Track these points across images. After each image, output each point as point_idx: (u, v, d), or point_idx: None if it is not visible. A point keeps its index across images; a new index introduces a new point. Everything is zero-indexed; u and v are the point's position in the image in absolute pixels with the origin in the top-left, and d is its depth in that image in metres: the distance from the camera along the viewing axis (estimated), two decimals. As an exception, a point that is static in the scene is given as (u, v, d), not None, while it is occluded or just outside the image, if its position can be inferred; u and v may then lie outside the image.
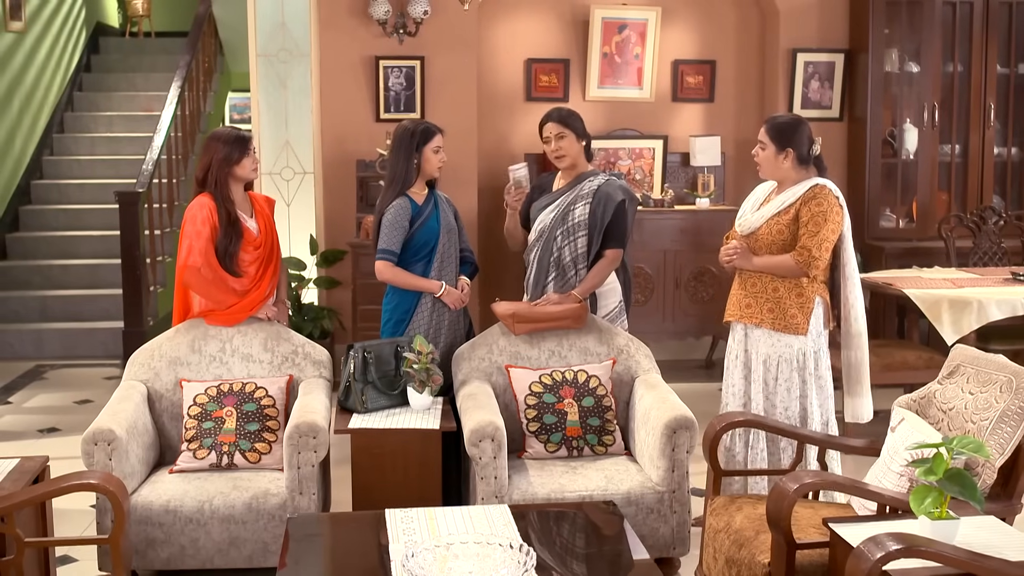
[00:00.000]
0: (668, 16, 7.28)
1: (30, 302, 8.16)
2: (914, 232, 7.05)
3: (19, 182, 8.98)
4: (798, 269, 4.11)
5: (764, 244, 4.21)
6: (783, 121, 4.20)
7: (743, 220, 4.32)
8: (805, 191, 4.14)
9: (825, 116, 7.24)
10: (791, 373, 4.19)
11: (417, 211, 4.46)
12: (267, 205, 4.59)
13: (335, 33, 6.86)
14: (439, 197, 4.59)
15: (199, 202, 4.36)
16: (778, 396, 4.21)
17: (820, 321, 4.21)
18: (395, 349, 4.33)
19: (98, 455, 3.83)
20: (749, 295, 4.26)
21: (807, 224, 4.09)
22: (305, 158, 7.06)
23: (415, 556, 2.67)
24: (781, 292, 4.18)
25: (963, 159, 7.15)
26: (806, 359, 4.20)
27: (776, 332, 4.18)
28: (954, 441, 2.84)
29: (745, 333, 4.31)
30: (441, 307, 4.50)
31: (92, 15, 11.15)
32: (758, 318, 4.22)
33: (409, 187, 4.46)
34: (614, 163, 7.20)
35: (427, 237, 4.45)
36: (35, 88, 9.37)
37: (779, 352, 4.20)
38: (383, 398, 4.25)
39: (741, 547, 3.36)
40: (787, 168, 4.18)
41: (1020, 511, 3.22)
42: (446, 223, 4.51)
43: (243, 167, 4.36)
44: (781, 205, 4.18)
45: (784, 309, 4.17)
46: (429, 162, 4.46)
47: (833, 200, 4.12)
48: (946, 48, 7.05)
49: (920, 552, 2.62)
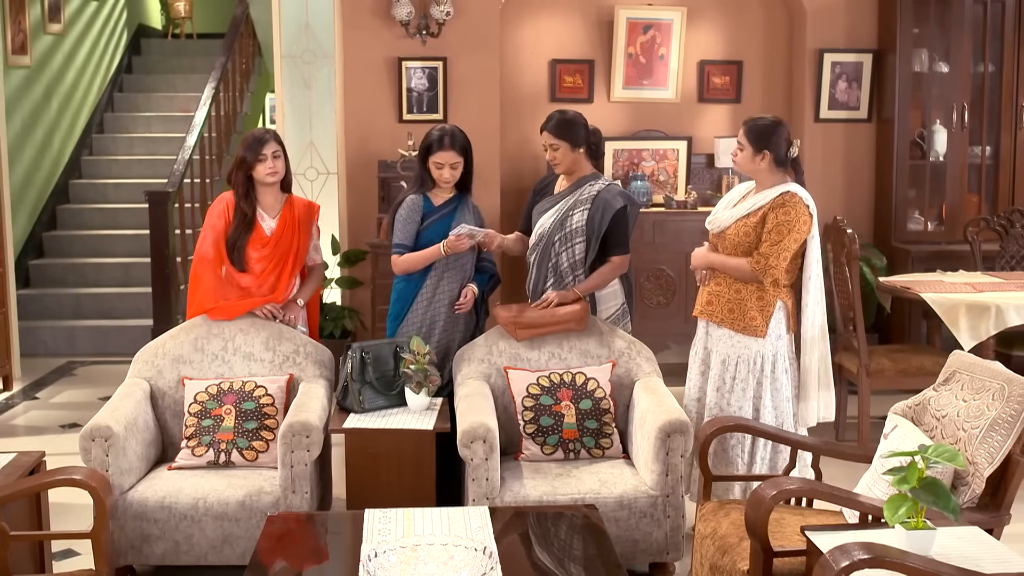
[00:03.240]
0: (694, 16, 7.22)
1: (64, 299, 8.31)
2: (943, 235, 6.91)
3: (57, 181, 9.15)
4: (752, 275, 4.18)
5: (730, 244, 4.25)
6: (762, 123, 4.23)
7: (714, 218, 4.34)
8: (775, 197, 4.17)
9: (853, 117, 7.13)
10: (747, 374, 4.25)
11: (430, 209, 4.55)
12: (302, 210, 4.63)
13: (358, 34, 6.90)
14: (466, 203, 4.62)
15: (220, 197, 4.58)
16: (733, 395, 4.26)
17: (781, 325, 4.25)
18: (394, 350, 4.35)
19: (95, 451, 3.89)
20: (712, 293, 4.33)
21: (771, 232, 4.14)
22: (329, 159, 7.11)
23: (376, 557, 2.67)
24: (743, 294, 4.23)
25: (994, 161, 7.00)
26: (763, 362, 4.25)
27: (736, 333, 4.23)
28: (929, 450, 2.78)
29: (707, 331, 4.36)
30: (437, 305, 4.51)
31: (134, 17, 11.33)
32: (719, 317, 4.28)
33: (427, 189, 4.56)
34: (637, 164, 7.15)
35: (433, 237, 4.51)
36: (74, 89, 9.54)
37: (738, 352, 4.25)
38: (381, 398, 4.27)
39: (724, 553, 3.32)
40: (763, 169, 4.22)
41: (1008, 522, 3.15)
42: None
43: (257, 171, 4.46)
44: (751, 207, 4.21)
45: (744, 311, 4.23)
46: (433, 173, 4.52)
47: (802, 209, 4.15)
48: (976, 48, 6.91)
49: (886, 563, 2.57)
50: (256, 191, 4.51)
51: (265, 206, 4.52)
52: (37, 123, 8.75)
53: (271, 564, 3.09)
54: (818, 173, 7.10)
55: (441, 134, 4.50)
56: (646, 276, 6.85)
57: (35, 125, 8.70)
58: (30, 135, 8.61)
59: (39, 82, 8.77)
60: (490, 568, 2.59)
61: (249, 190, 4.48)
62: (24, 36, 8.38)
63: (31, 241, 8.66)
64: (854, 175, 7.13)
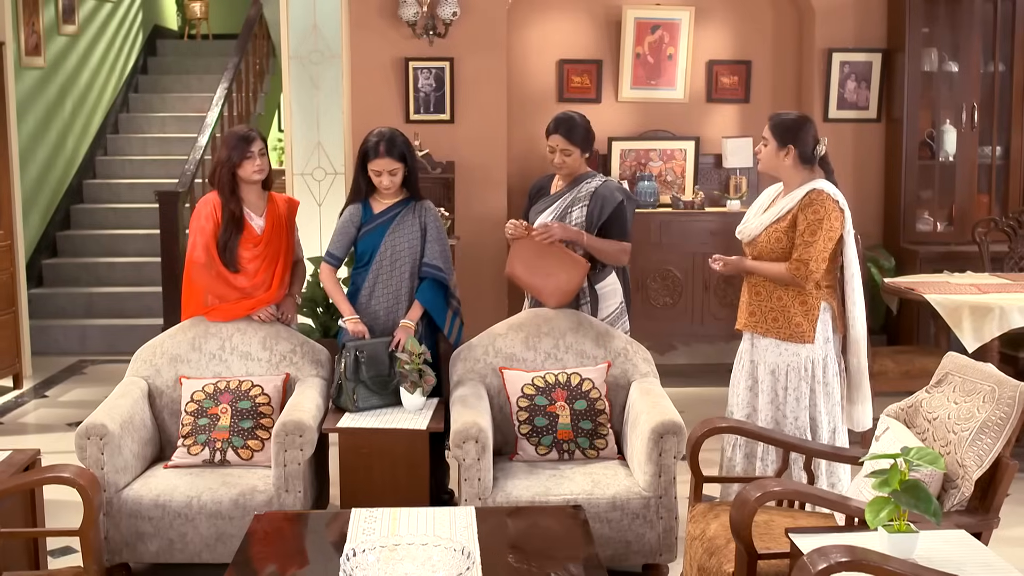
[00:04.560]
0: (702, 16, 7.19)
1: (76, 298, 8.37)
2: (952, 236, 6.86)
3: (71, 181, 9.22)
4: (792, 280, 4.02)
5: (764, 252, 4.11)
6: (787, 119, 4.12)
7: (744, 226, 4.21)
8: (802, 197, 4.03)
9: (862, 117, 7.09)
10: (799, 382, 4.07)
11: (368, 218, 4.47)
12: (285, 206, 4.62)
13: (366, 35, 6.92)
14: (411, 209, 4.48)
15: (206, 199, 4.51)
16: (788, 406, 4.09)
17: (828, 327, 4.09)
18: (389, 350, 4.35)
19: (90, 449, 3.92)
20: (753, 303, 4.17)
21: (803, 233, 3.99)
22: (336, 159, 7.12)
23: (355, 555, 2.68)
24: (785, 300, 4.07)
25: (1004, 161, 6.94)
26: (814, 367, 4.08)
27: (783, 342, 4.07)
28: (911, 452, 2.76)
29: (752, 343, 4.19)
30: (377, 300, 4.46)
31: (150, 18, 11.40)
32: (763, 327, 4.12)
33: (360, 198, 4.47)
34: (645, 164, 7.14)
35: (368, 246, 4.47)
36: (88, 90, 9.61)
37: (787, 361, 4.08)
38: (375, 397, 4.27)
39: (712, 555, 3.31)
40: (787, 166, 4.09)
41: (997, 526, 3.12)
42: (396, 240, 4.43)
43: (244, 169, 4.42)
44: (780, 211, 4.08)
45: (789, 318, 4.06)
46: (373, 180, 4.44)
47: (831, 205, 4.00)
48: (986, 47, 6.85)
49: (865, 566, 2.55)
50: (240, 190, 4.48)
51: (250, 205, 4.49)
52: (51, 124, 8.81)
53: (252, 562, 3.10)
54: (827, 173, 7.06)
55: (378, 140, 4.37)
56: (653, 277, 6.84)
57: (49, 126, 8.77)
58: (44, 136, 8.68)
59: (53, 83, 8.84)
60: (466, 568, 2.59)
61: (234, 189, 4.45)
62: (38, 37, 8.45)
63: (44, 241, 8.73)
64: (863, 175, 7.09)
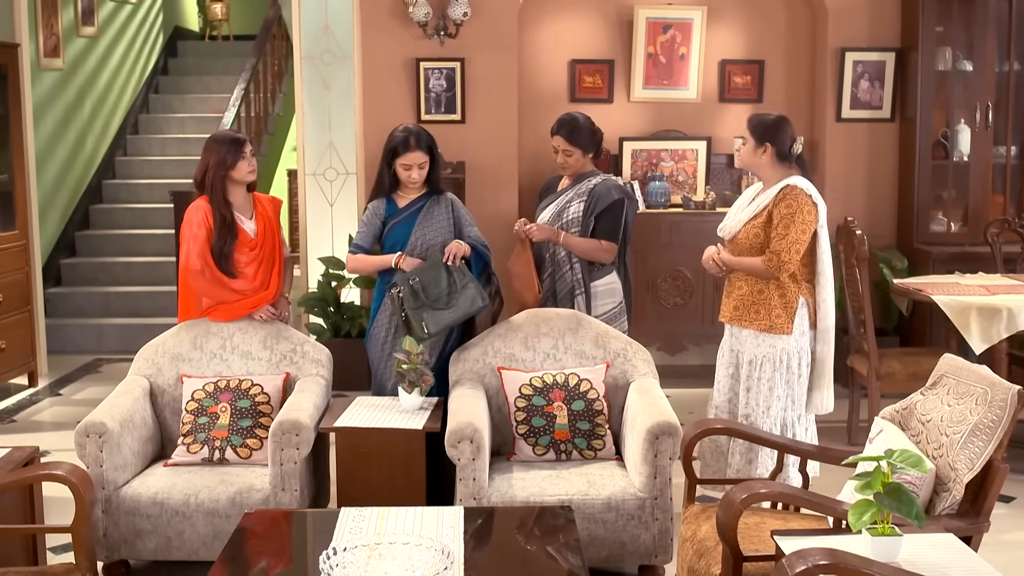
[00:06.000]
0: (714, 15, 7.16)
1: (94, 298, 8.46)
2: (966, 237, 6.79)
3: (90, 182, 9.31)
4: (768, 272, 4.20)
5: (743, 248, 4.30)
6: (766, 119, 4.30)
7: (725, 224, 4.34)
8: (776, 192, 4.21)
9: (875, 117, 7.03)
10: (773, 372, 4.26)
11: (393, 212, 4.54)
12: (271, 206, 4.64)
13: (377, 35, 6.94)
14: (437, 202, 4.55)
15: (195, 205, 4.47)
16: (761, 395, 4.27)
17: (805, 321, 4.28)
18: (442, 265, 4.36)
19: (90, 447, 3.95)
20: (735, 297, 4.36)
21: (776, 226, 4.18)
22: (348, 159, 7.15)
23: (336, 554, 2.69)
24: (766, 293, 4.26)
25: (1019, 161, 6.86)
26: (789, 358, 4.27)
27: (761, 332, 4.25)
28: (894, 455, 2.74)
29: (732, 334, 4.39)
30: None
31: (171, 19, 11.49)
32: (745, 320, 4.31)
33: (384, 193, 4.56)
34: (656, 165, 7.12)
35: (397, 240, 4.52)
36: (108, 91, 9.69)
37: (763, 352, 4.27)
38: (445, 314, 4.33)
39: (701, 557, 3.30)
40: (764, 163, 4.26)
41: (988, 530, 3.09)
42: (425, 231, 4.50)
43: (238, 170, 4.43)
44: (757, 208, 4.26)
45: (769, 309, 4.26)
46: (400, 175, 4.51)
47: (804, 199, 4.16)
48: (1001, 46, 6.77)
49: (844, 569, 2.54)
50: (228, 193, 4.47)
51: (238, 208, 4.48)
52: (70, 125, 8.90)
53: (239, 559, 3.12)
54: (840, 173, 7.02)
55: (406, 135, 4.46)
56: (663, 277, 6.81)
57: (67, 127, 8.86)
58: (63, 136, 8.77)
59: (72, 84, 8.93)
60: (443, 568, 2.59)
61: (226, 193, 4.44)
62: (57, 39, 8.54)
63: (63, 240, 8.82)
64: (876, 175, 7.03)
